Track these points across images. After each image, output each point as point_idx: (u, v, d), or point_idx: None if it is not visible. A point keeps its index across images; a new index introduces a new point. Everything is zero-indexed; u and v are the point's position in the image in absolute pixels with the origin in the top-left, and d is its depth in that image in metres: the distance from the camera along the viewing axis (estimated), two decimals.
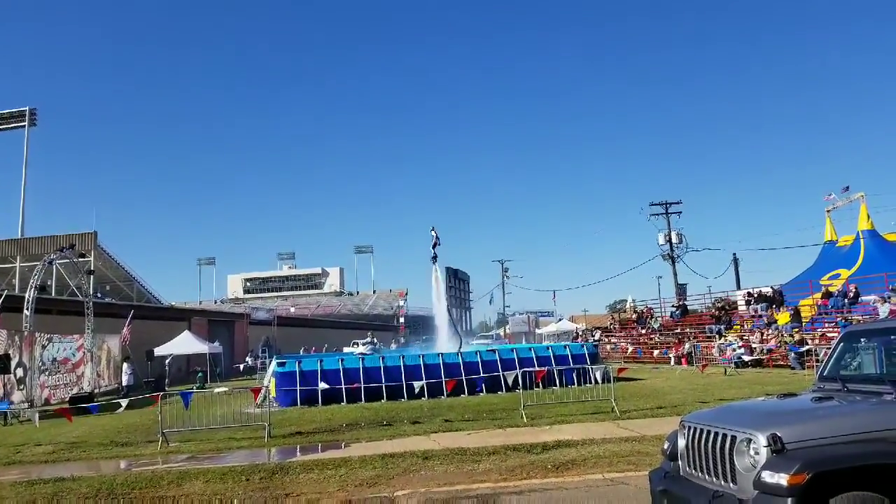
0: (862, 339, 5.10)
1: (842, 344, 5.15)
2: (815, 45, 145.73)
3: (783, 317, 24.44)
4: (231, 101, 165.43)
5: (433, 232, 24.09)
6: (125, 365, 21.30)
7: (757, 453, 3.69)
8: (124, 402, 10.70)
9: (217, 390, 12.16)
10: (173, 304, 51.93)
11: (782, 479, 3.43)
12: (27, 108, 57.44)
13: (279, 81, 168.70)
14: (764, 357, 21.76)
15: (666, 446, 4.68)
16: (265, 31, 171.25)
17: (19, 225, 53.58)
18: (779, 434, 3.64)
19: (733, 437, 3.87)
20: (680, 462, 4.39)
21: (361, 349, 17.84)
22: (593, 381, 15.74)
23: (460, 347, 20.00)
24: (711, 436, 4.05)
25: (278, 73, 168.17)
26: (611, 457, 7.81)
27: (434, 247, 23.97)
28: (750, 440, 3.75)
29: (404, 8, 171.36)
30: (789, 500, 3.39)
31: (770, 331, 23.93)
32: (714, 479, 3.96)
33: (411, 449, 8.64)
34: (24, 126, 56.92)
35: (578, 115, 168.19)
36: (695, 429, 4.26)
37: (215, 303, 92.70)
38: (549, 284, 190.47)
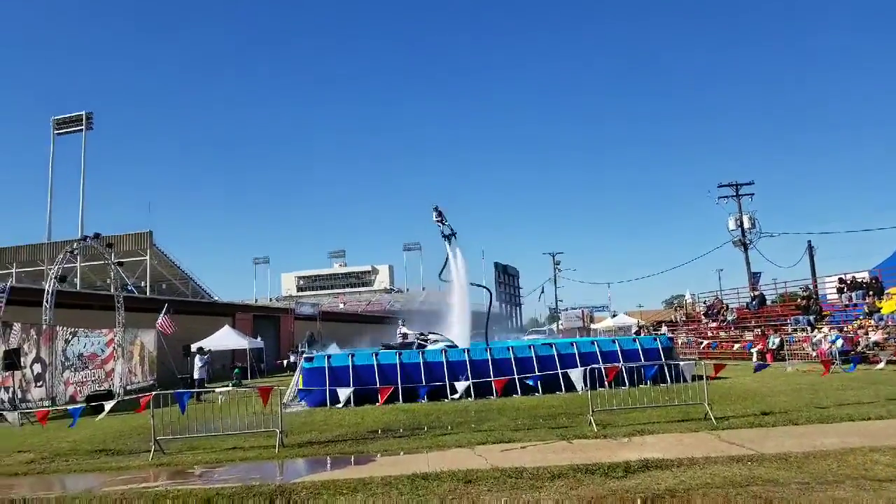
0: None
1: None
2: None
3: (889, 305, 21.08)
4: (283, 105, 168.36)
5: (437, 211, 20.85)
6: (196, 357, 18.97)
7: None
8: (108, 405, 9.12)
9: (218, 391, 10.47)
10: (217, 299, 51.84)
11: None
12: (84, 113, 58.68)
13: (331, 85, 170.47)
14: (869, 352, 18.64)
15: None
16: (316, 32, 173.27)
17: (78, 226, 54.98)
18: None
19: None
20: None
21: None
22: (672, 379, 13.38)
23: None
24: None
25: (328, 77, 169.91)
26: (725, 486, 5.59)
27: (441, 223, 20.78)
28: None
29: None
30: None
31: (872, 321, 20.69)
32: None
33: (451, 468, 6.64)
34: (81, 130, 58.28)
35: (635, 91, 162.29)
36: None
37: (269, 300, 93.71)
38: (601, 279, 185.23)
